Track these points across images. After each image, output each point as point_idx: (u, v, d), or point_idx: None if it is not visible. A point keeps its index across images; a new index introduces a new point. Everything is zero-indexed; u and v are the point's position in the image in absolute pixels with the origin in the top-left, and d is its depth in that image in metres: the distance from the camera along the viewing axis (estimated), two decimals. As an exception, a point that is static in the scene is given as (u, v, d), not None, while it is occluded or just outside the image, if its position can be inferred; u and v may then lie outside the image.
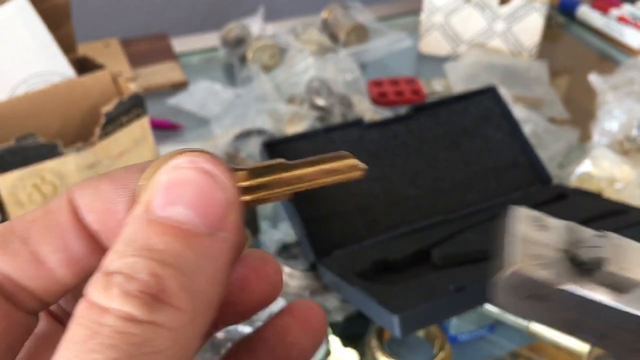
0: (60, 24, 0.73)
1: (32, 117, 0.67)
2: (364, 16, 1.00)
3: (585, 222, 0.53)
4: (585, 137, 0.77)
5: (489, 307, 0.55)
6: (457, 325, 0.57)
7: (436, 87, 0.90)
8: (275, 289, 0.20)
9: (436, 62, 0.97)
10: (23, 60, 0.69)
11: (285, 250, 0.59)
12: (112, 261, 0.15)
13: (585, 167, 0.67)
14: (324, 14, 1.00)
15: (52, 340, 0.19)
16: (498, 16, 0.94)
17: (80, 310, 0.15)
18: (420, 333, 0.56)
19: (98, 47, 0.95)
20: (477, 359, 0.56)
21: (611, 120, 0.72)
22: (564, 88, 0.95)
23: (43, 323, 0.19)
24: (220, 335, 0.47)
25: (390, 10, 1.11)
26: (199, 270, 0.16)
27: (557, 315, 0.29)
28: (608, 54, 1.03)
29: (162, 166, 0.17)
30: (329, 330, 0.53)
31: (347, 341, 0.53)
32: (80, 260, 0.18)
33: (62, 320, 0.20)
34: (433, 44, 0.99)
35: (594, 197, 0.60)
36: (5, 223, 0.18)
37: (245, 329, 0.47)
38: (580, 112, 0.86)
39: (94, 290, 0.15)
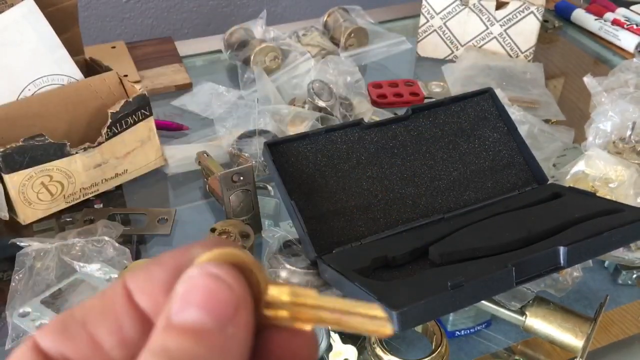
0: (67, 27, 0.74)
1: (41, 117, 0.68)
2: (364, 20, 1.01)
3: (581, 220, 0.54)
4: (580, 137, 0.78)
5: (486, 304, 0.56)
6: (454, 321, 0.57)
7: (434, 88, 0.91)
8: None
9: (434, 65, 0.98)
10: (31, 62, 0.69)
11: (287, 248, 0.59)
12: None
13: (580, 167, 0.68)
14: (325, 18, 1.01)
15: None
16: (495, 20, 0.96)
17: None
18: (419, 329, 0.56)
19: (105, 50, 0.96)
20: (473, 354, 0.57)
21: (605, 122, 0.73)
22: (559, 90, 0.96)
23: None
24: None
25: (389, 14, 1.12)
26: None
27: None
28: (603, 57, 1.04)
29: (205, 261, 0.19)
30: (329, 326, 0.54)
31: (347, 337, 0.54)
32: (133, 341, 0.19)
33: None
34: (431, 46, 1.00)
35: (589, 197, 0.61)
36: (67, 310, 0.20)
37: None
38: (575, 114, 0.87)
39: None
